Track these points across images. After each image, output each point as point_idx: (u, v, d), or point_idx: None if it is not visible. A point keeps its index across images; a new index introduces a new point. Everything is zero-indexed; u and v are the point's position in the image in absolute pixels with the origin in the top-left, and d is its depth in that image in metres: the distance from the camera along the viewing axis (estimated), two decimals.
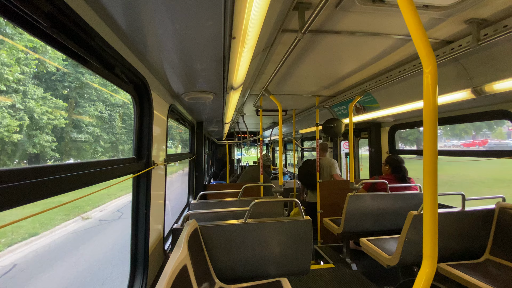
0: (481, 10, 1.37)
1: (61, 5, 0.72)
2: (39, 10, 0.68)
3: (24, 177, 0.70)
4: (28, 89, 6.29)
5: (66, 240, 6.44)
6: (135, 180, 1.59)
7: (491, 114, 2.49)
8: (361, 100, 3.37)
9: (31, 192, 0.72)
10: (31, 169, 0.74)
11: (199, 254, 1.68)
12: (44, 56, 7.07)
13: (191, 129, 3.97)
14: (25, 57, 6.29)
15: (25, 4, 0.64)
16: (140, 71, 1.38)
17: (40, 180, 0.75)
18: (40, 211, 0.78)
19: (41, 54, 6.90)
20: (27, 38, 6.06)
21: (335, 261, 3.27)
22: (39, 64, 6.80)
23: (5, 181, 0.64)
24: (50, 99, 6.96)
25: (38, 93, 6.52)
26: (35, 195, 0.73)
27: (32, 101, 6.29)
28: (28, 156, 6.48)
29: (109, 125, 9.63)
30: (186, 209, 3.62)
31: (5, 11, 0.64)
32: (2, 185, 0.62)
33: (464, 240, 2.30)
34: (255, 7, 0.88)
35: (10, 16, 0.65)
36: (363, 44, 1.87)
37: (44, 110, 6.51)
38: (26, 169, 0.72)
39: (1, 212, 0.63)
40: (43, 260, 5.31)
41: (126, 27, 0.99)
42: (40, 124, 6.35)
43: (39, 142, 6.35)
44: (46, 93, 6.90)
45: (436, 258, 0.74)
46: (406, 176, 3.30)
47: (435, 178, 0.74)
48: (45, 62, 7.05)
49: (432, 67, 0.71)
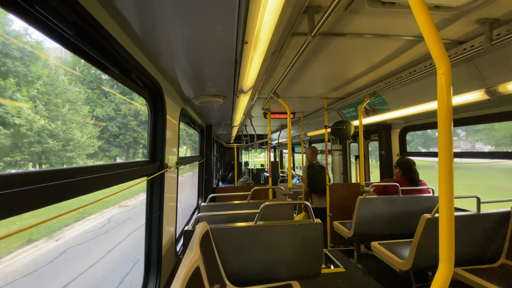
0: (493, 9, 1.36)
1: (84, 14, 0.76)
2: (64, 19, 0.72)
3: (44, 179, 0.73)
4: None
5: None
6: (149, 183, 1.63)
7: (507, 115, 2.43)
8: (370, 102, 3.34)
9: (52, 194, 0.74)
10: (49, 172, 0.77)
11: (210, 256, 1.69)
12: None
13: (200, 132, 4.01)
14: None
15: (52, 14, 0.68)
16: (155, 76, 1.42)
17: (58, 183, 0.77)
18: (62, 213, 0.82)
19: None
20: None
21: (345, 265, 3.22)
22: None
23: (29, 183, 0.67)
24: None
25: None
26: (55, 197, 0.75)
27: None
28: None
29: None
30: (196, 212, 3.66)
31: (35, 20, 0.68)
32: (28, 187, 0.66)
33: (479, 244, 2.24)
34: (268, 12, 0.90)
35: (39, 26, 0.69)
36: (373, 46, 1.86)
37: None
38: (43, 172, 0.75)
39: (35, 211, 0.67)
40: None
41: (142, 33, 1.03)
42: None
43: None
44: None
45: (453, 262, 0.73)
46: (417, 178, 3.24)
47: (451, 180, 0.73)
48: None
49: (446, 68, 0.71)
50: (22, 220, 0.80)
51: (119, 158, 13.35)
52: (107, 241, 7.07)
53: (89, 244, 6.88)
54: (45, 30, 0.72)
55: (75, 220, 7.85)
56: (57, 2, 0.68)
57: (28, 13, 0.65)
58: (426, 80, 2.41)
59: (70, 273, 5.34)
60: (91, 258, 6.07)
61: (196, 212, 3.69)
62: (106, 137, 12.63)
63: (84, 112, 10.23)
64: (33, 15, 0.66)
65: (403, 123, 3.86)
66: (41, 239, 6.41)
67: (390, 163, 4.12)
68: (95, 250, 6.50)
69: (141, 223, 6.49)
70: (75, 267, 5.64)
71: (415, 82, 2.51)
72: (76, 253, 6.23)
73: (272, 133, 8.12)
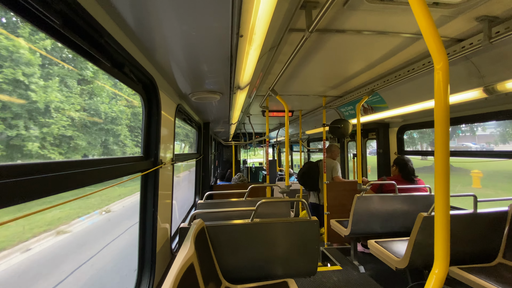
0: (492, 7, 1.34)
1: (72, 3, 0.73)
2: (51, 8, 0.70)
3: (32, 172, 0.71)
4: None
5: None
6: (143, 179, 1.61)
7: (505, 114, 2.42)
8: (368, 100, 3.33)
9: (39, 187, 0.72)
10: (40, 164, 0.75)
11: (205, 253, 1.68)
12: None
13: (198, 129, 3.99)
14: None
15: (37, 1, 0.65)
16: (149, 70, 1.40)
17: (48, 176, 0.76)
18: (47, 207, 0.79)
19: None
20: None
21: (342, 263, 3.23)
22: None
23: (14, 176, 0.65)
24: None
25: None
26: (42, 190, 0.74)
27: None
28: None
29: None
30: (193, 209, 3.64)
31: (19, 8, 0.65)
32: (11, 179, 0.64)
33: (476, 243, 2.24)
34: (262, 4, 0.88)
35: (24, 14, 0.67)
36: (371, 43, 1.85)
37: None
38: (34, 164, 0.73)
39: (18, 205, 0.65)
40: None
41: (135, 26, 1.01)
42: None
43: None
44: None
45: (448, 260, 0.72)
46: (413, 175, 3.26)
47: (447, 179, 0.72)
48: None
49: (443, 63, 0.70)
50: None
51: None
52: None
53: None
54: (30, 18, 0.69)
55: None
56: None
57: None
58: (424, 78, 2.40)
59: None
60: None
61: (193, 209, 3.68)
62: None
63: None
64: (17, 2, 0.64)
65: (401, 121, 3.85)
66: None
67: (388, 161, 4.13)
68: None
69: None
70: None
71: (414, 81, 2.50)
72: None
73: (270, 131, 8.12)
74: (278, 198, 2.78)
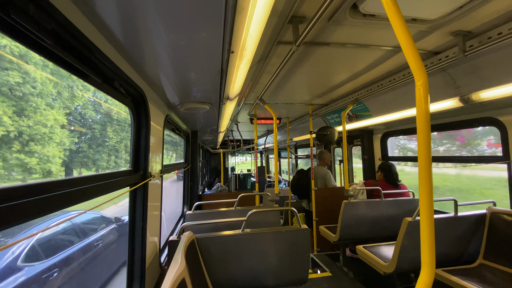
0: (466, 23, 1.45)
1: (63, 22, 0.72)
2: (43, 28, 0.69)
3: (15, 196, 0.67)
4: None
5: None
6: (132, 193, 1.57)
7: (480, 121, 2.57)
8: (353, 108, 3.44)
9: (30, 209, 0.70)
10: (27, 186, 0.72)
11: (196, 267, 1.65)
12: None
13: (186, 138, 3.95)
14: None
15: (30, 23, 0.64)
16: (138, 83, 1.39)
17: (30, 200, 0.71)
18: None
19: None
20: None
21: (332, 270, 3.26)
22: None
23: (6, 200, 0.63)
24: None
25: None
26: (35, 212, 0.71)
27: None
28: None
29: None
30: (181, 220, 3.57)
31: (12, 31, 0.64)
32: (4, 204, 0.61)
33: (458, 245, 2.33)
34: (254, 22, 0.91)
35: (17, 36, 0.66)
36: (355, 55, 1.93)
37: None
38: (15, 187, 0.68)
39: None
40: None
41: (125, 41, 1.00)
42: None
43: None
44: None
45: (434, 265, 0.76)
46: (396, 179, 3.38)
47: (430, 184, 0.76)
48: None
49: (423, 80, 0.75)
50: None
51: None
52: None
53: None
54: (22, 40, 0.68)
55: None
56: (35, 10, 0.64)
57: (4, 22, 0.61)
58: (405, 88, 2.51)
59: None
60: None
61: (181, 220, 3.60)
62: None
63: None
64: (9, 24, 0.62)
65: (384, 128, 4.00)
66: None
67: (373, 167, 4.25)
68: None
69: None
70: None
71: (395, 90, 2.61)
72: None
73: (258, 138, 8.15)
74: (268, 208, 2.78)
